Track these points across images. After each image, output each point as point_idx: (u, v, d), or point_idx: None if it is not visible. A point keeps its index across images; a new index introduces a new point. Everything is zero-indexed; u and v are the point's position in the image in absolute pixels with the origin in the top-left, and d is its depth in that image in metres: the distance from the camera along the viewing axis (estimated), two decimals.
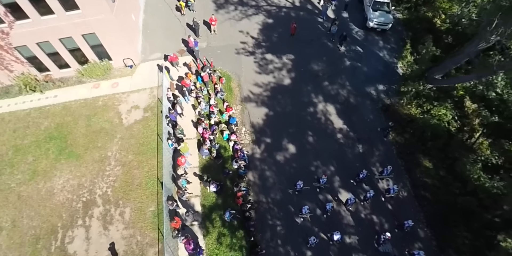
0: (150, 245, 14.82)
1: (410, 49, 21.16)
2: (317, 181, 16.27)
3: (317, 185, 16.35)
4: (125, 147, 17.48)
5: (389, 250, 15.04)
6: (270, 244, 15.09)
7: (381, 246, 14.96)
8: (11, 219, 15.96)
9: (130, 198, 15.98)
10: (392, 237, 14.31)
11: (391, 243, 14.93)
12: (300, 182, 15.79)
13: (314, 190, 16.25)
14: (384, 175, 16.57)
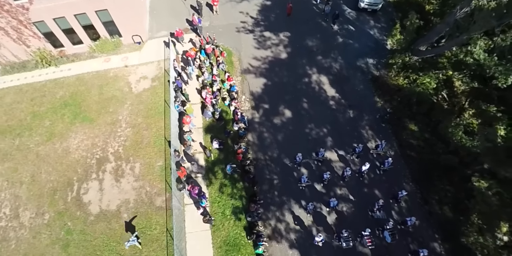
0: (158, 195, 16.30)
1: (399, 28, 22.70)
2: (316, 154, 17.17)
3: (315, 158, 17.18)
4: (134, 111, 19.02)
5: (382, 216, 15.86)
6: (268, 195, 16.54)
7: (375, 213, 15.86)
8: (31, 174, 17.46)
9: (139, 155, 17.48)
10: (385, 205, 15.49)
11: (384, 211, 15.86)
12: (299, 154, 16.63)
13: (312, 163, 17.23)
14: (379, 150, 17.47)
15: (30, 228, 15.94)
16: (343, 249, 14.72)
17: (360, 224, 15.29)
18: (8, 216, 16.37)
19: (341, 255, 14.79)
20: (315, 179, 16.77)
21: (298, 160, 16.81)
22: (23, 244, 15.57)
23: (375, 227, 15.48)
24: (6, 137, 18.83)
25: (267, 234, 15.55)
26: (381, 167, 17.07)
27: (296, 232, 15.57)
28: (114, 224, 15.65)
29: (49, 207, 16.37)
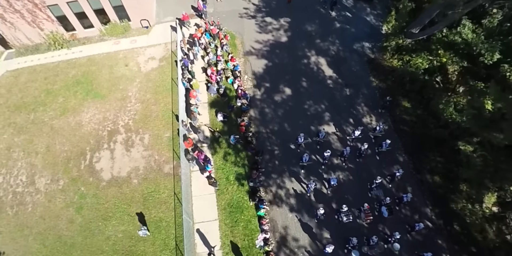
0: (166, 162, 17.37)
1: (394, 15, 23.86)
2: (317, 135, 17.89)
3: (316, 140, 17.76)
4: (143, 88, 20.14)
5: (379, 194, 16.44)
6: (269, 164, 17.61)
7: (373, 190, 16.45)
8: (45, 145, 18.53)
9: (148, 127, 18.58)
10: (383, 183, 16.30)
11: (382, 188, 16.49)
12: (301, 135, 17.38)
13: (314, 143, 17.88)
14: (377, 132, 17.96)
15: (46, 193, 17.01)
16: (343, 223, 15.28)
17: (359, 201, 15.89)
18: (25, 183, 17.42)
19: (340, 229, 15.37)
20: (316, 158, 17.52)
21: (300, 141, 17.55)
22: (39, 207, 16.64)
23: (373, 203, 16.01)
24: (21, 112, 19.93)
25: (268, 199, 16.62)
26: (379, 148, 17.51)
27: (295, 197, 16.65)
28: (125, 188, 16.72)
29: (63, 174, 17.45)
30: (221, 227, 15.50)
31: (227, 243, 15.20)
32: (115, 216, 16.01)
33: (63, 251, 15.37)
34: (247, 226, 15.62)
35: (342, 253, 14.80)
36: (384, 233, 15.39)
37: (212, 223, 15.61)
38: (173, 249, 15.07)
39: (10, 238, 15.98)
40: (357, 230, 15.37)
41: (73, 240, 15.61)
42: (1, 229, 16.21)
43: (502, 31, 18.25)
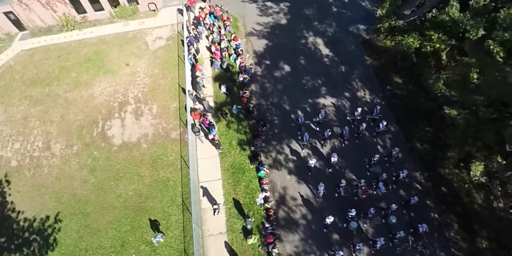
0: (173, 129, 18.64)
1: (388, 1, 25.31)
2: (317, 115, 18.39)
3: (316, 120, 18.42)
4: (151, 64, 21.45)
5: (378, 170, 17.06)
6: (269, 132, 18.86)
7: (372, 167, 17.13)
8: (60, 115, 19.79)
9: (156, 98, 19.86)
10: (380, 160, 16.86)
11: (379, 165, 17.11)
12: (301, 115, 18.40)
13: (313, 124, 18.75)
14: (374, 115, 18.56)
15: (61, 157, 18.25)
16: (342, 196, 16.19)
17: (357, 177, 16.73)
18: (41, 148, 18.66)
19: (339, 202, 16.22)
20: (317, 138, 18.27)
21: (300, 122, 18.17)
22: (54, 170, 17.87)
23: (371, 179, 16.73)
24: (37, 86, 21.22)
25: (268, 163, 17.86)
26: (376, 129, 18.16)
27: (294, 162, 17.88)
28: (135, 152, 17.97)
29: (77, 140, 18.70)
30: (224, 186, 16.75)
31: (230, 200, 16.44)
32: (126, 177, 17.25)
33: (77, 207, 16.61)
34: (248, 185, 16.86)
35: (341, 224, 15.63)
36: (381, 207, 16.06)
37: (216, 182, 16.86)
38: (180, 205, 16.30)
39: (28, 197, 17.20)
40: (355, 203, 16.02)
41: (86, 197, 16.85)
42: (20, 189, 17.45)
43: (487, 10, 19.62)
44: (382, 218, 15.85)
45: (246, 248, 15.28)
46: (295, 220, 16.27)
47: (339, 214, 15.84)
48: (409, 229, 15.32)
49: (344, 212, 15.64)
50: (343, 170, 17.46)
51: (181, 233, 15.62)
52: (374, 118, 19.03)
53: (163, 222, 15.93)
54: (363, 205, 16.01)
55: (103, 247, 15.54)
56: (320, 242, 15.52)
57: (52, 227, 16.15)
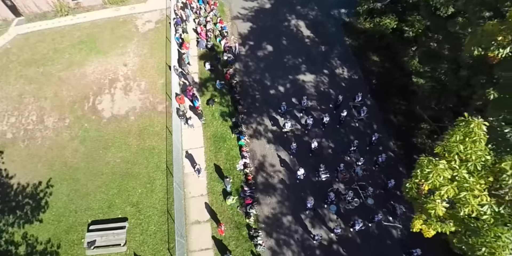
0: (159, 103, 19.72)
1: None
2: (299, 103, 19.08)
3: (298, 107, 19.13)
4: (141, 45, 22.55)
5: (356, 156, 17.52)
6: (251, 106, 19.91)
7: (351, 153, 17.69)
8: (53, 92, 20.87)
9: (145, 76, 20.94)
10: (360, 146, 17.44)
11: (358, 151, 17.61)
12: (284, 104, 18.90)
13: (296, 111, 19.35)
14: (356, 102, 19.16)
15: (53, 129, 19.29)
16: (321, 181, 16.84)
17: (337, 163, 17.02)
18: (35, 122, 19.71)
19: (319, 186, 16.80)
20: (299, 124, 18.85)
21: (283, 109, 18.77)
22: (47, 141, 18.91)
23: (350, 164, 17.30)
24: (32, 67, 22.30)
25: (249, 134, 18.88)
26: (358, 116, 18.69)
27: (273, 132, 18.88)
28: (123, 124, 19.02)
29: (69, 114, 19.75)
30: (206, 153, 17.77)
31: (211, 166, 17.45)
32: (114, 145, 18.28)
33: (68, 173, 17.63)
34: (229, 153, 17.88)
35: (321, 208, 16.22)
36: (359, 190, 16.56)
37: (199, 150, 17.89)
38: (164, 170, 17.31)
39: (22, 165, 18.22)
40: (335, 187, 16.71)
41: (77, 165, 17.87)
42: (14, 159, 18.47)
43: None
44: (360, 199, 16.41)
45: (225, 208, 16.28)
46: (273, 185, 17.27)
47: (319, 197, 16.31)
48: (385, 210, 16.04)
49: (323, 196, 16.21)
50: (323, 156, 17.84)
51: (165, 195, 16.62)
52: (355, 105, 19.46)
53: (148, 185, 16.95)
54: (342, 188, 16.71)
55: (91, 208, 16.56)
56: (296, 204, 16.53)
57: (44, 191, 17.18)
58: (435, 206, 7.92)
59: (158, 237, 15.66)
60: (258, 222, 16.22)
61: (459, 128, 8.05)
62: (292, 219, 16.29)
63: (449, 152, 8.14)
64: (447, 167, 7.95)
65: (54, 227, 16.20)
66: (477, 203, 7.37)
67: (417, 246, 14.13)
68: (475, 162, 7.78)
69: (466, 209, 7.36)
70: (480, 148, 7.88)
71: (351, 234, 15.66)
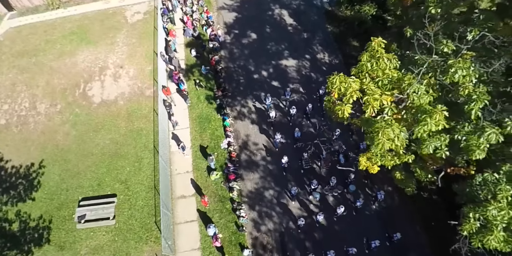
0: (147, 88, 20.55)
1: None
2: (284, 94, 19.42)
3: (283, 99, 19.55)
4: (130, 35, 23.38)
5: (339, 144, 17.70)
6: (235, 89, 20.74)
7: (334, 142, 17.79)
8: (45, 80, 21.64)
9: (133, 63, 21.76)
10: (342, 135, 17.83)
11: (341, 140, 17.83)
12: (269, 95, 18.96)
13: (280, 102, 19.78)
14: None
15: (46, 114, 20.06)
16: (304, 169, 17.38)
17: (320, 151, 17.16)
18: (28, 108, 20.48)
19: (302, 174, 17.34)
20: (283, 115, 19.35)
21: (267, 102, 18.89)
22: (39, 125, 19.66)
23: (333, 152, 17.60)
24: (24, 57, 23.08)
25: (233, 115, 19.68)
26: None
27: (256, 113, 19.69)
28: (113, 108, 19.82)
29: (60, 100, 20.53)
30: (192, 133, 18.58)
31: (197, 145, 18.25)
32: (104, 128, 19.06)
33: (59, 155, 18.39)
34: (214, 133, 18.69)
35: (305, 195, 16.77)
36: (341, 176, 16.83)
37: (185, 130, 18.69)
38: (152, 150, 18.10)
39: (15, 149, 18.97)
40: (317, 174, 17.30)
41: (68, 147, 18.63)
42: (8, 143, 19.22)
43: None
44: (343, 187, 16.88)
45: (209, 184, 17.06)
46: (256, 162, 18.06)
47: (303, 185, 16.94)
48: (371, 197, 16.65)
49: (307, 184, 16.83)
50: (306, 144, 17.56)
51: (152, 173, 17.39)
52: None
53: (136, 164, 17.73)
54: (324, 175, 17.18)
55: (82, 186, 17.30)
56: (278, 179, 17.32)
57: (36, 172, 17.92)
58: (342, 107, 9.44)
59: (145, 211, 16.43)
60: (241, 197, 17.01)
61: (367, 50, 9.62)
62: (274, 193, 17.11)
63: (361, 71, 9.66)
64: (356, 80, 9.47)
65: (46, 205, 16.95)
66: (378, 106, 8.79)
67: (398, 231, 14.77)
68: (382, 78, 9.21)
69: (368, 110, 8.83)
70: (384, 65, 9.27)
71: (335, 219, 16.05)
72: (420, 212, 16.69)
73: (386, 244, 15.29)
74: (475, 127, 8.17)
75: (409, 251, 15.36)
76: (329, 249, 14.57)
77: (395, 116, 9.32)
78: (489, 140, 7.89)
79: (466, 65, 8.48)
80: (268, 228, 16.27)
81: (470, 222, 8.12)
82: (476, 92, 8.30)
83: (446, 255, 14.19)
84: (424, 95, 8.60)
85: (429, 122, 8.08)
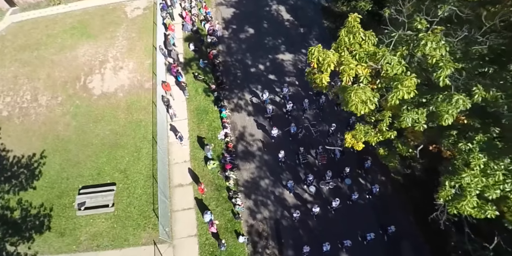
0: (146, 81, 20.98)
1: None
2: (281, 90, 19.79)
3: (280, 94, 19.88)
4: (129, 30, 23.83)
5: (335, 138, 18.29)
6: (232, 83, 21.16)
7: (329, 137, 18.50)
8: (46, 73, 22.08)
9: (133, 57, 22.19)
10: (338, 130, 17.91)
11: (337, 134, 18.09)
12: (266, 91, 19.20)
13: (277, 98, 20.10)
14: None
15: (47, 106, 20.49)
16: (301, 163, 17.57)
17: (316, 145, 17.74)
18: (29, 100, 20.92)
19: (299, 168, 17.68)
20: (280, 110, 19.50)
21: (264, 97, 19.23)
22: (41, 117, 20.11)
23: (329, 147, 17.40)
24: (26, 51, 23.52)
25: (230, 108, 20.11)
26: (336, 100, 18.20)
27: (253, 106, 20.11)
28: (112, 100, 20.26)
29: (61, 93, 20.97)
30: (190, 124, 19.02)
31: (194, 136, 18.69)
32: (104, 119, 19.50)
33: (60, 145, 18.83)
34: (211, 124, 19.12)
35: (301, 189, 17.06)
36: (337, 171, 16.97)
37: (182, 122, 19.11)
38: (150, 140, 18.52)
39: (17, 139, 19.41)
40: (314, 169, 17.53)
41: (68, 138, 19.07)
42: (10, 134, 19.66)
43: None
44: (339, 180, 17.17)
45: (206, 173, 17.49)
46: (252, 152, 18.49)
47: (299, 179, 17.21)
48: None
49: (304, 178, 17.02)
50: (303, 139, 18.49)
51: (151, 162, 17.82)
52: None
53: (135, 154, 18.17)
54: (321, 169, 17.32)
55: (82, 175, 17.74)
56: (274, 169, 17.73)
57: (37, 161, 18.36)
58: (320, 76, 10.33)
59: (143, 199, 16.86)
60: (238, 186, 17.43)
61: (345, 26, 10.23)
62: (270, 182, 17.54)
63: (340, 46, 10.28)
64: (334, 53, 10.15)
65: (47, 193, 17.39)
66: (353, 74, 9.45)
67: (392, 222, 15.13)
68: (359, 51, 9.83)
69: (344, 78, 9.48)
70: (361, 39, 9.93)
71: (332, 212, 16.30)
72: (413, 201, 17.16)
73: (381, 236, 15.55)
74: (445, 95, 8.68)
75: (403, 241, 15.76)
76: (324, 240, 14.93)
77: (371, 86, 9.95)
78: (457, 106, 8.42)
79: (436, 38, 9.00)
80: (264, 216, 16.71)
81: (445, 190, 8.65)
82: (443, 60, 8.82)
83: (438, 244, 14.64)
84: (397, 65, 9.13)
85: (400, 88, 8.63)
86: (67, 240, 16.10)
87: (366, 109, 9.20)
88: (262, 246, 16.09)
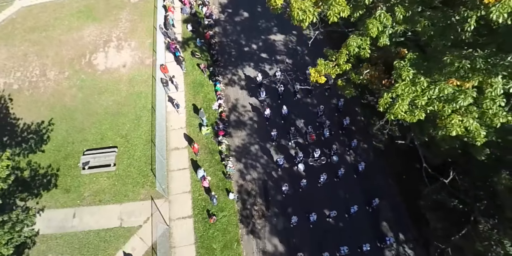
0: (147, 58, 22.58)
1: None
2: (273, 75, 21.36)
3: (273, 79, 20.99)
4: (132, 13, 25.43)
5: (323, 119, 19.57)
6: (227, 61, 22.71)
7: (319, 118, 19.73)
8: (54, 52, 23.68)
9: (135, 37, 23.78)
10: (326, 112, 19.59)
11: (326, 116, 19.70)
12: (259, 74, 21.03)
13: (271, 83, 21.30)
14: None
15: (55, 80, 22.08)
16: (291, 141, 18.97)
17: (306, 125, 19.32)
18: (38, 75, 22.50)
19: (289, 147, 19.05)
20: (273, 94, 20.69)
21: (259, 81, 20.57)
22: (49, 89, 21.68)
23: (319, 127, 19.30)
24: (35, 32, 25.13)
25: (224, 83, 21.63)
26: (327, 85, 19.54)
27: (246, 81, 21.63)
28: (115, 74, 21.86)
29: (68, 68, 22.55)
30: (186, 95, 20.59)
31: (190, 105, 20.25)
32: (107, 91, 21.07)
33: (67, 114, 20.39)
34: (206, 96, 20.68)
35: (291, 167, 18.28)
36: (325, 149, 18.55)
37: (180, 93, 20.67)
38: (150, 109, 20.09)
39: (27, 109, 20.96)
40: (303, 147, 18.85)
41: (75, 107, 20.63)
42: (20, 104, 21.22)
43: None
44: (327, 158, 18.37)
45: (201, 137, 19.02)
46: (244, 121, 20.03)
47: (289, 156, 18.52)
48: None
49: (293, 156, 18.39)
50: (294, 120, 20.06)
51: (150, 129, 19.35)
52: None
53: (135, 121, 19.72)
54: (310, 148, 18.63)
55: (86, 140, 19.28)
56: (262, 135, 19.22)
57: (46, 128, 19.89)
58: None
59: (143, 161, 18.38)
60: (230, 151, 18.91)
61: None
62: (259, 148, 19.03)
63: None
64: None
65: (54, 155, 18.91)
66: (312, 14, 10.80)
67: (377, 196, 16.48)
68: None
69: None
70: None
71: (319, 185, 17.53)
72: (392, 166, 18.59)
73: (366, 208, 16.95)
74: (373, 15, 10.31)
75: (382, 200, 17.06)
76: (311, 211, 16.24)
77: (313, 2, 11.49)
78: (381, 20, 10.14)
79: None
80: (253, 177, 18.20)
81: (384, 98, 10.31)
82: None
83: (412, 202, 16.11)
84: None
85: (335, 5, 10.29)
86: (72, 196, 17.61)
87: (308, 18, 10.68)
88: (250, 203, 17.57)
